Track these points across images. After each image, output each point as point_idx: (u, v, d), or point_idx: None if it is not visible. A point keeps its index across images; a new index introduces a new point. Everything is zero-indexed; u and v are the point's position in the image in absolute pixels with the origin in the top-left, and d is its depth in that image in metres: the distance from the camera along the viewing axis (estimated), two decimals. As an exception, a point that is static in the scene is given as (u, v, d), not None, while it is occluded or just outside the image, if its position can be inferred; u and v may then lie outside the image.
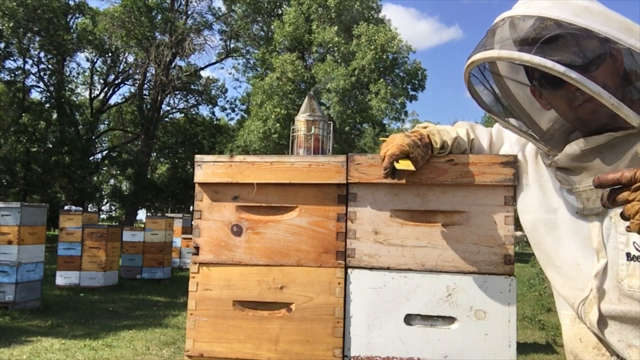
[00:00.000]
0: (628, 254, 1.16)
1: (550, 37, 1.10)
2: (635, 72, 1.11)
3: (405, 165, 1.32)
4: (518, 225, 1.47)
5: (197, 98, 29.81)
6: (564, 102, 1.22)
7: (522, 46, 1.13)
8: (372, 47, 20.37)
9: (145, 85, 27.83)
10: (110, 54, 27.17)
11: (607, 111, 1.09)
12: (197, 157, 1.54)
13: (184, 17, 27.13)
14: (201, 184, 1.53)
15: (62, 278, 9.73)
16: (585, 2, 1.13)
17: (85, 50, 26.62)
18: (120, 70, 28.48)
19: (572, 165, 1.23)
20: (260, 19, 25.99)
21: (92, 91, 28.54)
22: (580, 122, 1.21)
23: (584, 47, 1.09)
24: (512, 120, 1.32)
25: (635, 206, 0.96)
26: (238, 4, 25.85)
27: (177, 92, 28.79)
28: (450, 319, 1.38)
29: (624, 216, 0.99)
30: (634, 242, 1.15)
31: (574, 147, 1.20)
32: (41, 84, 25.93)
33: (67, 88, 27.38)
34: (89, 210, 25.29)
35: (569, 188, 1.25)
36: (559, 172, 1.27)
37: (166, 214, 21.40)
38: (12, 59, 23.98)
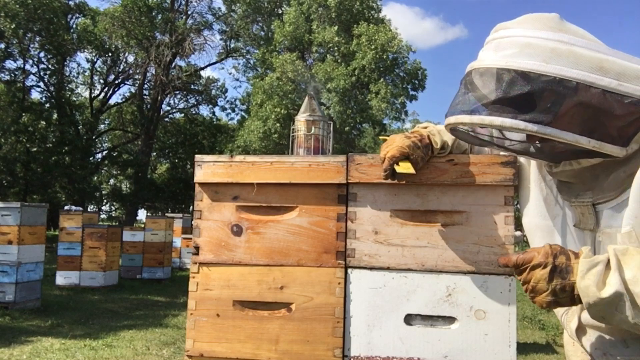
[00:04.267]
0: None
1: (519, 94, 1.09)
2: (613, 110, 1.09)
3: (405, 168, 1.32)
4: (518, 225, 1.47)
5: (197, 98, 29.81)
6: (552, 147, 1.23)
7: (493, 106, 1.12)
8: (372, 47, 20.36)
9: (145, 85, 27.85)
10: (110, 54, 27.16)
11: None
12: (197, 157, 1.54)
13: (184, 17, 27.13)
14: (201, 184, 1.53)
15: (62, 278, 9.74)
16: (552, 42, 1.10)
17: (85, 50, 26.62)
18: (120, 70, 28.47)
19: (569, 179, 1.24)
20: (260, 19, 25.98)
21: (92, 91, 28.54)
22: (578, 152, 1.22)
23: (556, 98, 1.07)
24: (507, 143, 1.33)
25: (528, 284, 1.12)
26: (238, 4, 25.84)
27: (177, 92, 28.80)
28: (450, 319, 1.38)
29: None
30: None
31: (572, 164, 1.21)
32: (41, 84, 25.94)
33: (67, 88, 27.36)
34: (89, 210, 25.27)
35: (568, 200, 1.26)
36: (559, 183, 1.28)
37: (166, 214, 21.39)
38: (12, 59, 23.99)
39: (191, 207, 26.79)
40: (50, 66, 25.97)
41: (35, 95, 35.27)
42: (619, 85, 1.06)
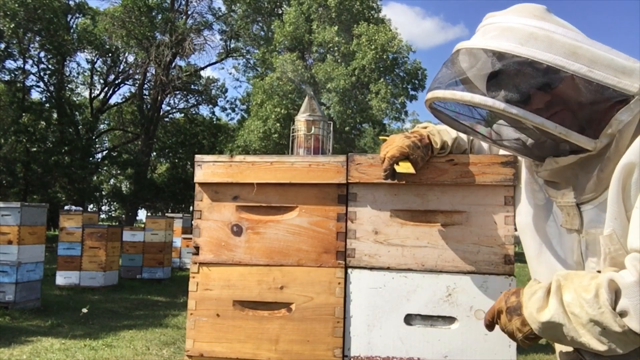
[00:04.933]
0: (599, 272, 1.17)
1: (494, 72, 1.12)
2: (583, 97, 1.10)
3: (405, 167, 1.32)
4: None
5: (197, 98, 29.81)
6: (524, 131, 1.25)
7: (468, 84, 1.17)
8: (373, 47, 20.36)
9: (145, 85, 27.84)
10: (110, 54, 27.16)
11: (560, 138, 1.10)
12: (197, 157, 1.54)
13: (184, 17, 27.12)
14: (201, 184, 1.53)
15: (62, 278, 9.73)
16: (532, 27, 1.12)
17: (86, 50, 26.61)
18: (120, 70, 28.48)
19: (553, 179, 1.24)
20: (260, 19, 25.98)
21: (92, 91, 28.54)
22: (552, 140, 1.22)
23: (527, 79, 1.09)
24: (493, 135, 1.33)
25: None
26: (238, 4, 25.83)
27: (177, 92, 28.80)
28: (450, 319, 1.38)
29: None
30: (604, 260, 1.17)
31: (551, 163, 1.21)
32: (41, 84, 25.92)
33: (67, 88, 27.35)
34: (89, 210, 25.27)
35: (554, 200, 1.26)
36: (545, 183, 1.28)
37: (166, 214, 21.39)
38: (12, 59, 23.98)
39: (191, 207, 26.78)
40: (50, 66, 25.97)
41: (35, 95, 35.33)
42: (589, 72, 1.07)
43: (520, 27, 1.12)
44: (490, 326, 1.21)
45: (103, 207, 39.98)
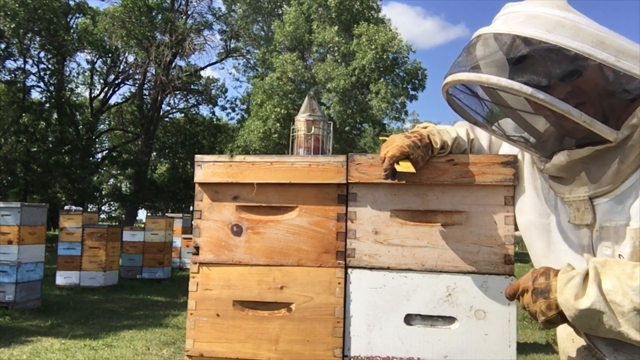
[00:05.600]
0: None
1: (520, 57, 1.10)
2: (609, 86, 1.10)
3: (405, 167, 1.32)
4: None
5: (197, 98, 29.82)
6: (542, 119, 1.24)
7: (491, 67, 1.14)
8: (373, 46, 20.37)
9: (145, 85, 27.83)
10: (110, 54, 27.16)
11: (582, 127, 1.09)
12: (197, 157, 1.54)
13: (184, 17, 27.13)
14: (201, 184, 1.53)
15: (62, 278, 9.74)
16: (557, 17, 1.11)
17: (86, 50, 26.62)
18: (120, 70, 28.47)
19: (561, 174, 1.23)
20: (260, 19, 25.99)
21: (92, 91, 28.54)
22: (566, 133, 1.21)
23: (554, 66, 1.09)
24: (499, 128, 1.32)
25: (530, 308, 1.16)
26: (238, 4, 25.85)
27: (177, 92, 28.79)
28: (450, 319, 1.38)
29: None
30: (619, 255, 1.15)
31: (560, 158, 1.20)
32: (41, 84, 25.92)
33: (67, 88, 27.35)
34: (89, 210, 25.24)
35: (561, 196, 1.25)
36: (551, 179, 1.27)
37: (166, 214, 21.39)
38: (12, 59, 23.99)
39: (191, 207, 26.77)
40: (50, 66, 25.96)
41: (35, 95, 35.23)
42: (617, 61, 1.07)
43: (546, 15, 1.11)
44: (510, 299, 1.20)
45: (103, 207, 39.96)
